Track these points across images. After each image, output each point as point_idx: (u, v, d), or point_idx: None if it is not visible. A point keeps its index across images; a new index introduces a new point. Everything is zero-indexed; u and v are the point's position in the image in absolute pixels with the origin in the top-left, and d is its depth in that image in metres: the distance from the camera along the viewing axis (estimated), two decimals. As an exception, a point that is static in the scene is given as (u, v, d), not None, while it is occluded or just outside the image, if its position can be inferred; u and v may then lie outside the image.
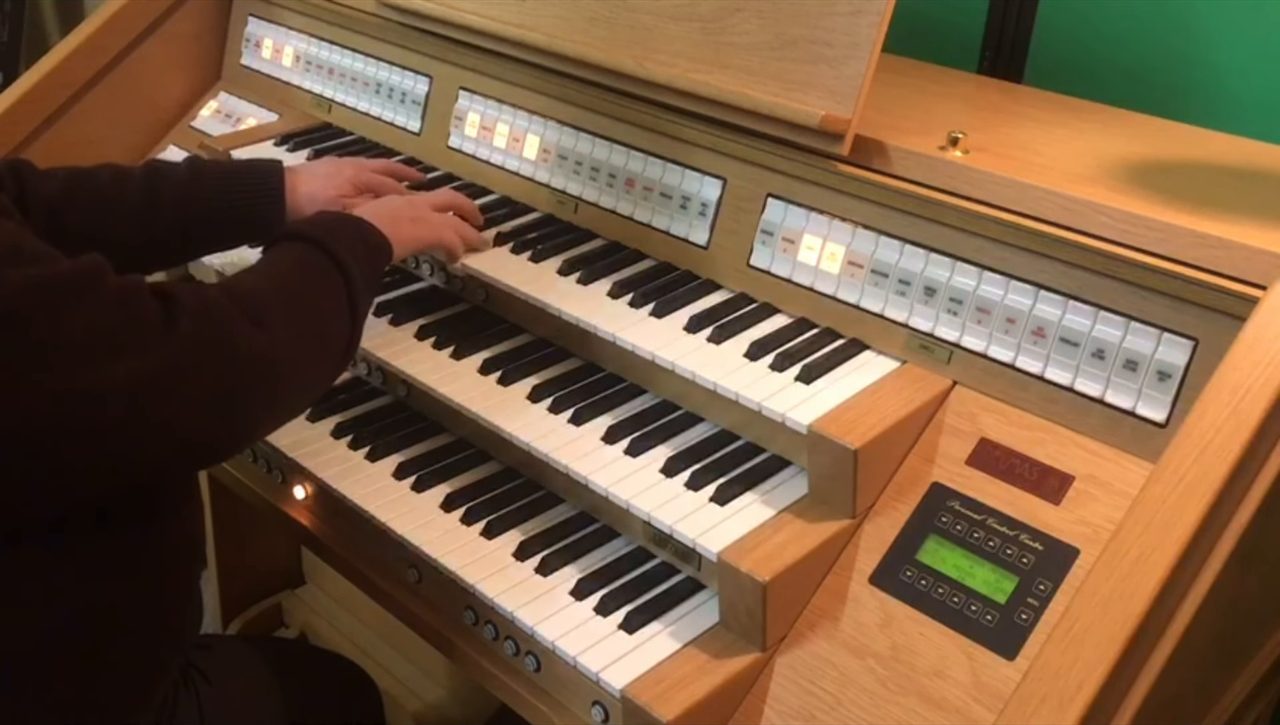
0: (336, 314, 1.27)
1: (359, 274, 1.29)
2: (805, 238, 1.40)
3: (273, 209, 1.51)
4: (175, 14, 2.12)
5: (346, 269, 1.28)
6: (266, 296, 1.19)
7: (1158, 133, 1.51)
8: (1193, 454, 0.99)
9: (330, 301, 1.27)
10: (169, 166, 1.52)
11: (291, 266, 1.28)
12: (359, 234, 1.36)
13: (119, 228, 1.44)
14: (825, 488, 1.24)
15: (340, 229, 1.34)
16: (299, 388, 1.24)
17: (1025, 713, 0.95)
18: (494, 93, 1.75)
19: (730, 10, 1.43)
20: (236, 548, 2.22)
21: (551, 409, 1.40)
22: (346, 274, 1.28)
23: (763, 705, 1.18)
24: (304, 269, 1.28)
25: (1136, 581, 0.96)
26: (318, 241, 1.29)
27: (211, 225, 1.50)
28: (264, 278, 1.24)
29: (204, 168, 1.53)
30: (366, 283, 1.31)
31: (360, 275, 1.29)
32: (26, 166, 1.43)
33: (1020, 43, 1.91)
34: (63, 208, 1.41)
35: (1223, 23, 1.74)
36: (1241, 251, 1.10)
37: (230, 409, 1.12)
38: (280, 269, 1.27)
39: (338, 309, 1.27)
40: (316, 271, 1.27)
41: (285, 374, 1.18)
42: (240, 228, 1.52)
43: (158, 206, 1.46)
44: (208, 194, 1.49)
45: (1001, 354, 1.26)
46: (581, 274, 1.51)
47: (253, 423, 1.18)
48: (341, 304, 1.27)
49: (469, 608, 1.32)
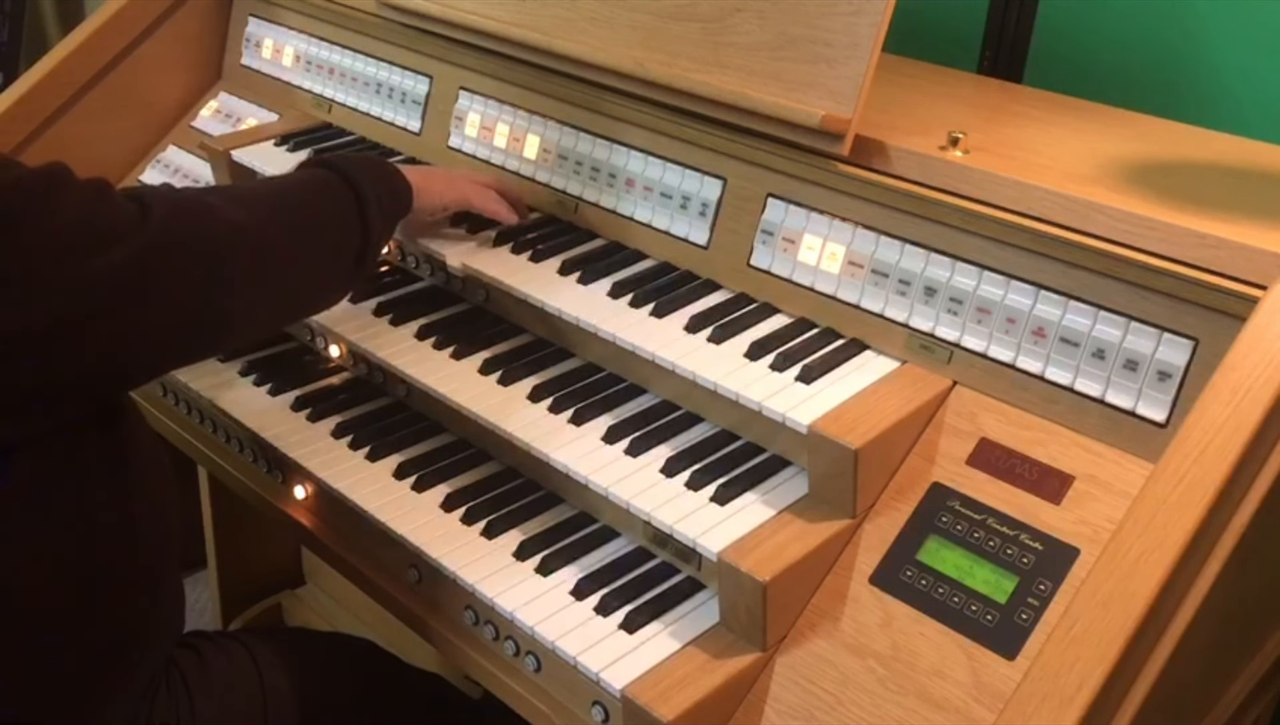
0: (341, 223, 1.27)
1: (373, 195, 1.29)
2: (805, 238, 1.40)
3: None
4: (175, 14, 2.12)
5: (358, 187, 1.28)
6: (253, 190, 1.21)
7: (1158, 133, 1.51)
8: (1193, 454, 1.00)
9: (334, 208, 1.26)
10: None
11: (293, 179, 1.28)
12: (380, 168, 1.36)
13: None
14: (825, 488, 1.24)
15: (362, 160, 1.35)
16: (289, 277, 1.24)
17: (1025, 713, 0.95)
18: (494, 93, 1.75)
19: (730, 10, 1.43)
20: (236, 548, 2.22)
21: (551, 409, 1.40)
22: (358, 191, 1.28)
23: (763, 705, 1.18)
24: (312, 181, 1.28)
25: (1136, 581, 0.96)
26: (329, 164, 1.29)
27: None
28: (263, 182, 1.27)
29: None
30: (382, 208, 1.31)
31: (375, 197, 1.29)
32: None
33: (1020, 43, 1.91)
34: None
35: (1223, 23, 1.74)
36: (1241, 251, 1.10)
37: (213, 286, 1.13)
38: (279, 179, 1.29)
39: (343, 218, 1.27)
40: (320, 184, 1.28)
41: (268, 255, 1.18)
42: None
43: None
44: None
45: (1002, 354, 1.26)
46: (581, 274, 1.51)
47: (237, 296, 1.18)
48: (349, 215, 1.27)
49: (469, 608, 1.32)
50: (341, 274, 1.30)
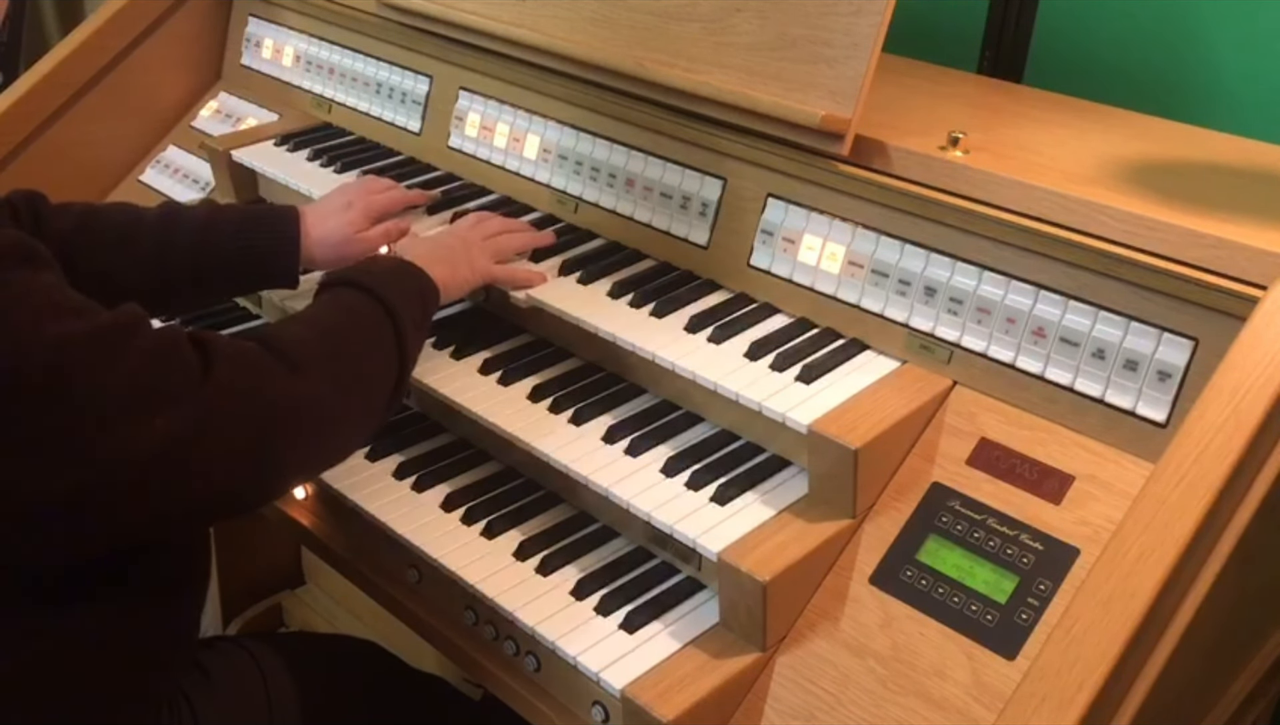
0: (383, 363, 1.24)
1: (410, 321, 1.27)
2: (805, 238, 1.40)
3: (288, 256, 1.49)
4: (175, 14, 2.12)
5: (397, 317, 1.25)
6: (308, 344, 1.17)
7: (1158, 133, 1.51)
8: (1193, 454, 0.99)
9: (377, 351, 1.24)
10: (185, 209, 1.51)
11: (339, 314, 1.25)
12: (410, 280, 1.33)
13: (131, 269, 1.42)
14: (825, 488, 1.24)
15: (391, 275, 1.32)
16: (338, 436, 1.21)
17: (1025, 713, 0.95)
18: (494, 93, 1.75)
19: (730, 10, 1.43)
20: (236, 548, 2.22)
21: (551, 409, 1.40)
22: (396, 322, 1.25)
23: (763, 705, 1.18)
24: (352, 317, 1.25)
25: (1137, 581, 0.96)
26: (368, 288, 1.26)
27: (226, 271, 1.47)
28: (308, 325, 1.22)
29: (220, 213, 1.52)
30: (417, 328, 1.30)
31: (411, 322, 1.27)
32: (41, 201, 1.42)
33: (1020, 43, 1.91)
34: (75, 246, 1.39)
35: (1223, 23, 1.74)
36: (1241, 251, 1.10)
37: (264, 459, 1.10)
38: (327, 316, 1.25)
39: (385, 357, 1.24)
40: (365, 319, 1.25)
41: (323, 423, 1.16)
42: (254, 275, 1.50)
43: (171, 249, 1.44)
44: (222, 239, 1.46)
45: (1002, 354, 1.26)
46: (581, 274, 1.51)
47: (287, 473, 1.16)
48: (389, 352, 1.25)
49: (469, 608, 1.32)
50: (377, 417, 1.27)
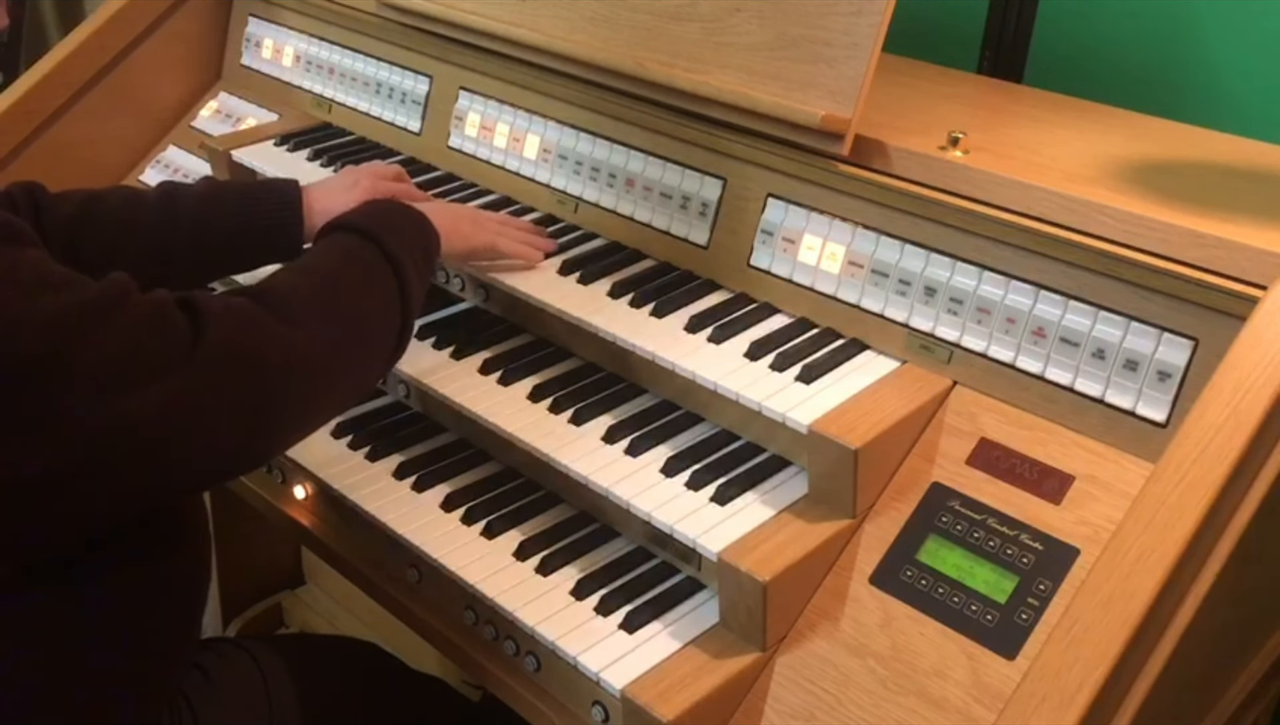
0: (383, 307, 1.22)
1: (410, 264, 1.24)
2: (805, 238, 1.40)
3: (291, 228, 1.47)
4: (175, 14, 2.12)
5: (397, 261, 1.22)
6: (302, 294, 1.15)
7: (1158, 133, 1.51)
8: (1193, 454, 0.99)
9: (376, 294, 1.22)
10: (185, 188, 1.50)
11: (334, 260, 1.23)
12: (407, 221, 1.31)
13: (135, 250, 1.41)
14: (825, 488, 1.24)
15: (390, 216, 1.29)
16: (338, 387, 1.20)
17: (1025, 713, 0.95)
18: (494, 93, 1.75)
19: (730, 10, 1.43)
20: (236, 548, 2.22)
21: (551, 409, 1.40)
22: (397, 266, 1.22)
23: (763, 705, 1.18)
24: (348, 260, 1.22)
25: (1136, 581, 0.96)
26: (365, 231, 1.24)
27: (230, 246, 1.46)
28: (303, 273, 1.20)
29: (221, 188, 1.50)
30: (418, 269, 1.26)
31: (411, 262, 1.24)
32: (41, 191, 1.41)
33: (1020, 43, 1.91)
34: (79, 231, 1.39)
35: (1223, 23, 1.74)
36: (1241, 251, 1.10)
37: (263, 416, 1.08)
38: (323, 263, 1.22)
39: (385, 300, 1.22)
40: (362, 262, 1.22)
41: (323, 372, 1.14)
42: (259, 248, 1.48)
43: (174, 228, 1.43)
44: (225, 214, 1.45)
45: (1002, 354, 1.26)
46: (581, 274, 1.51)
47: (287, 427, 1.14)
48: (390, 295, 1.22)
49: (469, 608, 1.32)
50: (382, 363, 1.25)
